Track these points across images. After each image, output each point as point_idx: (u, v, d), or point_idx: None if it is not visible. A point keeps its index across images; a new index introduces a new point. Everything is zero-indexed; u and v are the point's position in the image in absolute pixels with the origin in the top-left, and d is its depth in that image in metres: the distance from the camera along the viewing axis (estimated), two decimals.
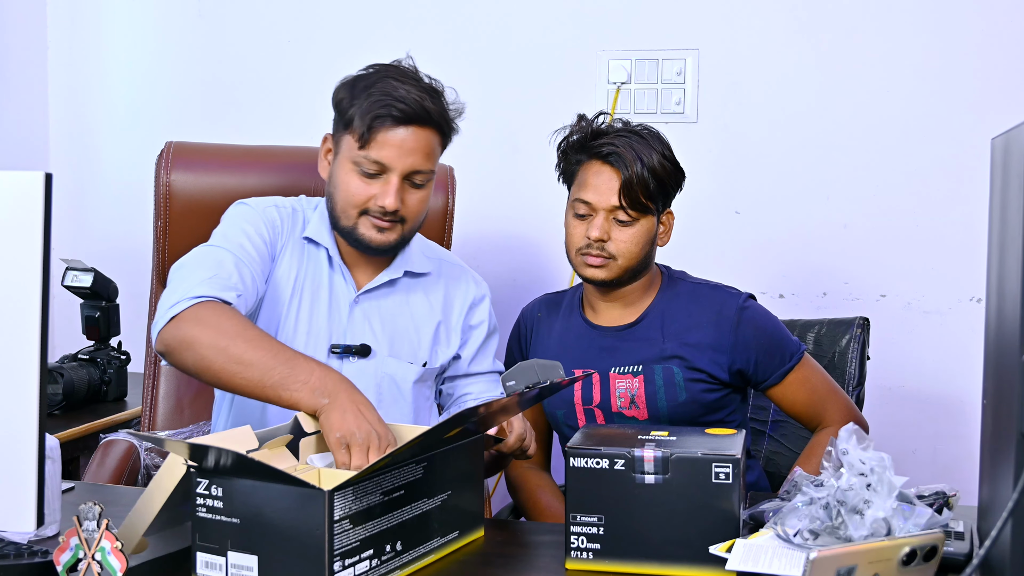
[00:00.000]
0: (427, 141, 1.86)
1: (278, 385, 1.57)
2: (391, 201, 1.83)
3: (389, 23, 2.93)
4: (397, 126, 1.82)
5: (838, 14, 2.67)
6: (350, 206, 1.86)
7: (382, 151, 1.82)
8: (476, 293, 2.06)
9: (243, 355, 1.60)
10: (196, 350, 1.63)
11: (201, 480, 1.33)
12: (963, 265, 2.61)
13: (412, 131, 1.84)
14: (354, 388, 1.59)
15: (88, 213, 3.16)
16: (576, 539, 1.44)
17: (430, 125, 1.86)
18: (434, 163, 1.89)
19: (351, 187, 1.85)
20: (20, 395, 1.24)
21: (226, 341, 1.62)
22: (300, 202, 2.00)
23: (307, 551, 1.27)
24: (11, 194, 1.24)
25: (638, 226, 1.99)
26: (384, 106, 1.81)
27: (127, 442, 2.13)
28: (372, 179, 1.84)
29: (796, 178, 2.72)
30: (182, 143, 2.33)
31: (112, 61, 3.15)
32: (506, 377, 1.56)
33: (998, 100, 2.58)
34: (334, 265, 1.94)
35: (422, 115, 1.83)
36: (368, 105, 1.82)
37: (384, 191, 1.83)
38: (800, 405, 2.04)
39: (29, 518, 1.26)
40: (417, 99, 1.83)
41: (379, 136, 1.82)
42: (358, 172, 1.84)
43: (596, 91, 2.79)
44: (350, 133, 1.85)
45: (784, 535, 1.32)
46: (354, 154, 1.84)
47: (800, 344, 2.05)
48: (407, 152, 1.83)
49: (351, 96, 1.86)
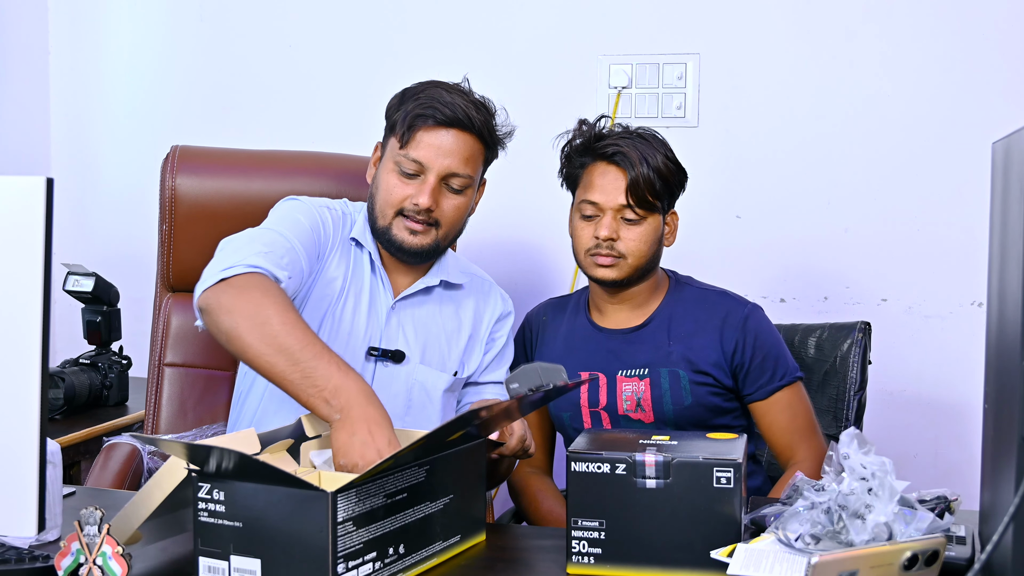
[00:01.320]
0: (467, 146, 1.90)
1: (296, 384, 1.56)
2: (425, 199, 1.86)
3: (390, 28, 2.93)
4: (438, 127, 1.87)
5: (839, 19, 2.68)
6: (387, 205, 1.90)
7: (420, 150, 1.87)
8: (503, 309, 2.09)
9: (276, 338, 1.58)
10: (234, 317, 1.62)
11: (203, 484, 1.33)
12: (964, 269, 2.61)
13: (452, 133, 1.88)
14: (369, 401, 1.55)
15: (89, 218, 3.16)
16: (577, 544, 1.43)
17: (471, 131, 1.90)
18: (473, 170, 1.92)
19: (389, 185, 1.90)
20: (21, 399, 1.24)
21: (264, 317, 1.61)
22: (346, 205, 2.03)
23: (310, 553, 1.27)
24: (12, 199, 1.24)
25: (646, 224, 2.00)
26: (428, 107, 1.87)
27: (130, 446, 2.14)
28: (410, 179, 1.88)
29: (797, 182, 2.72)
30: (187, 147, 2.33)
31: (113, 65, 3.15)
32: (509, 380, 1.55)
33: (999, 105, 2.58)
34: (375, 269, 1.96)
35: (463, 120, 1.88)
36: (413, 107, 1.88)
37: (420, 190, 1.87)
38: (777, 429, 2.01)
39: (30, 523, 1.26)
40: (461, 105, 1.88)
41: (419, 136, 1.87)
42: (397, 172, 1.89)
43: (597, 95, 2.80)
44: (394, 136, 1.90)
45: (785, 540, 1.32)
46: (395, 154, 1.89)
47: (797, 369, 2.05)
48: (445, 153, 1.87)
49: (400, 103, 1.92)
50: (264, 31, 3.01)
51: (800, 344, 2.29)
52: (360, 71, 2.95)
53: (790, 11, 2.70)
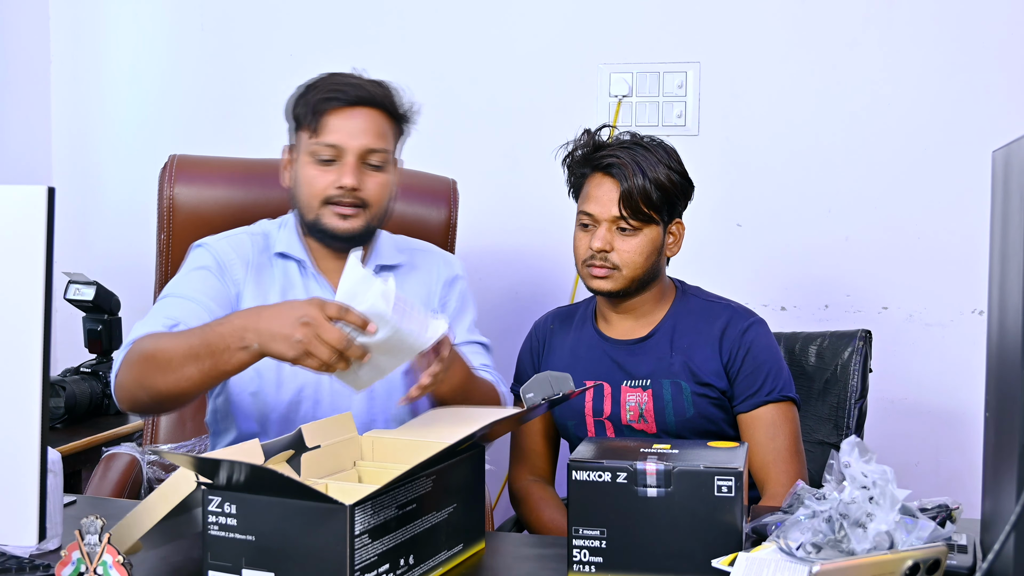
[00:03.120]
0: (376, 122, 1.91)
1: (217, 365, 1.60)
2: (349, 179, 1.86)
3: (391, 38, 2.94)
4: (345, 108, 1.88)
5: (839, 27, 2.68)
6: (312, 197, 1.90)
7: (333, 134, 1.87)
8: (448, 273, 2.08)
9: (169, 362, 1.64)
10: (141, 383, 1.68)
11: (213, 497, 1.32)
12: (965, 277, 2.61)
13: (360, 111, 1.89)
14: (260, 309, 1.61)
15: (90, 226, 3.17)
16: (579, 552, 1.43)
17: (378, 107, 1.91)
18: (388, 144, 1.93)
19: (310, 177, 1.89)
20: (22, 408, 1.24)
21: (153, 363, 1.67)
22: (262, 225, 2.03)
23: (326, 567, 1.26)
24: (14, 208, 1.24)
25: (641, 236, 1.99)
26: (332, 91, 1.89)
27: (129, 455, 2.13)
28: (329, 165, 1.88)
29: (797, 190, 2.72)
30: (185, 156, 2.34)
31: (115, 74, 3.16)
32: (525, 389, 1.59)
33: (999, 113, 2.59)
34: (307, 273, 1.96)
35: (367, 97, 1.90)
36: (315, 96, 1.89)
37: (341, 173, 1.87)
38: (754, 445, 1.97)
39: (31, 532, 1.26)
40: (363, 84, 1.91)
41: (329, 120, 1.88)
42: (315, 161, 1.89)
43: (597, 104, 2.80)
44: (303, 129, 1.90)
45: (787, 548, 1.32)
46: (309, 145, 1.89)
47: (791, 390, 2.02)
48: (358, 132, 1.88)
49: (300, 97, 1.93)
50: (265, 41, 3.02)
51: (801, 352, 2.29)
52: None
53: (790, 20, 2.71)
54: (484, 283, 2.90)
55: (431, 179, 2.42)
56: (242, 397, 1.92)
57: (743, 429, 2.01)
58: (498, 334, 2.82)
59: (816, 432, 2.25)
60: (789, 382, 2.02)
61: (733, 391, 2.00)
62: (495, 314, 2.88)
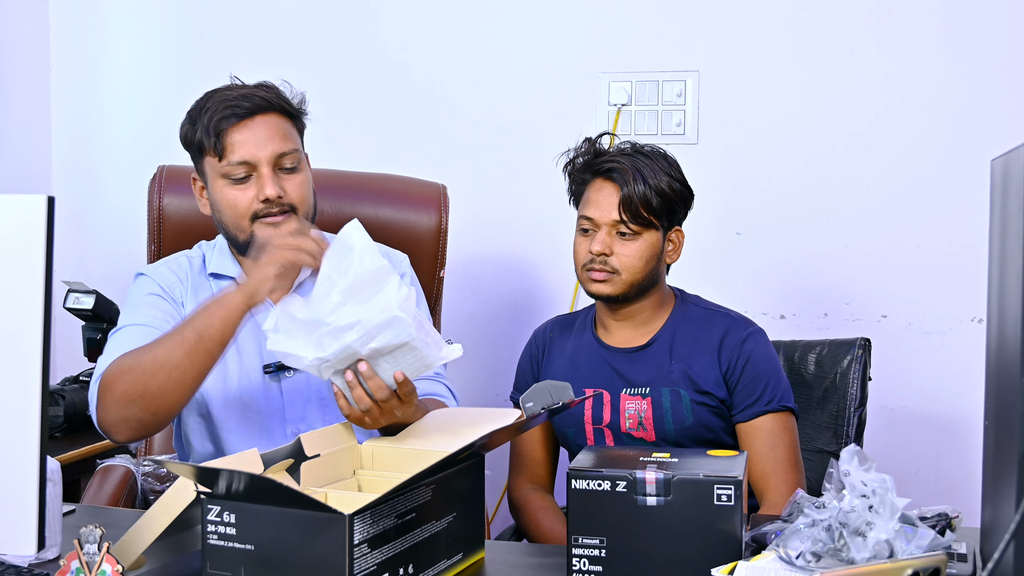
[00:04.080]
0: (278, 125, 1.89)
1: (199, 338, 1.61)
2: (271, 190, 1.85)
3: (390, 46, 2.94)
4: (242, 121, 1.86)
5: (838, 36, 2.69)
6: (239, 217, 1.88)
7: (240, 150, 1.85)
8: (396, 270, 2.04)
9: (155, 359, 1.65)
10: (129, 402, 1.67)
11: (212, 506, 1.32)
12: (964, 286, 2.61)
13: (259, 120, 1.88)
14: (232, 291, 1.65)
15: (90, 235, 3.17)
16: (578, 561, 1.43)
17: (272, 110, 1.89)
18: (296, 143, 1.92)
19: (231, 199, 1.87)
20: (22, 417, 1.24)
21: (137, 370, 1.67)
22: (198, 249, 2.03)
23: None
24: (14, 217, 1.24)
25: (641, 240, 2.00)
26: (223, 110, 1.86)
27: (124, 467, 2.13)
28: (245, 182, 1.87)
29: (797, 199, 2.73)
30: (174, 167, 2.34)
31: (115, 83, 3.16)
32: (525, 399, 1.59)
33: (998, 121, 2.59)
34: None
35: (260, 104, 1.88)
36: (208, 118, 1.87)
37: (260, 186, 1.86)
38: (754, 455, 1.96)
39: (30, 541, 1.26)
40: (249, 93, 1.89)
41: (231, 138, 1.86)
42: (230, 183, 1.87)
43: (597, 112, 2.80)
44: (207, 154, 1.88)
45: (786, 557, 1.31)
46: (218, 168, 1.87)
47: (790, 400, 2.02)
48: (263, 141, 1.86)
49: (192, 124, 1.91)
50: (264, 50, 3.02)
51: (800, 360, 2.29)
52: (360, 90, 2.95)
53: (789, 28, 2.71)
54: (484, 290, 2.91)
55: (420, 184, 2.42)
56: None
57: (742, 439, 2.01)
58: (497, 342, 2.84)
59: (815, 440, 2.25)
60: (788, 392, 2.02)
61: (732, 400, 2.00)
62: (495, 321, 2.88)
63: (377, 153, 2.50)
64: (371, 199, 2.35)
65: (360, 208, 2.29)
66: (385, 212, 2.34)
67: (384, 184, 2.42)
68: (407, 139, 2.91)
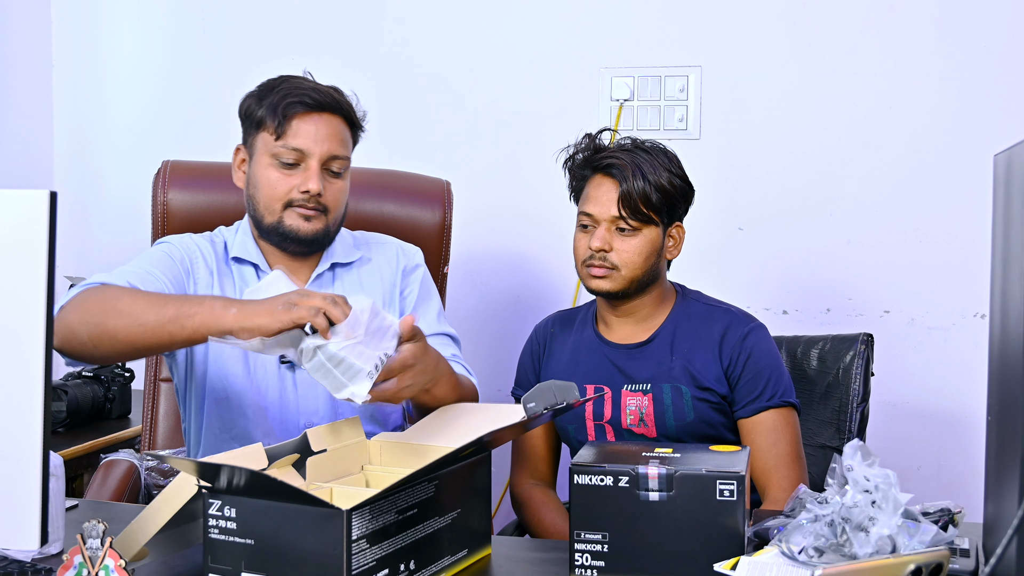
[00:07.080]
0: (339, 129, 1.91)
1: (175, 318, 1.56)
2: (314, 184, 1.86)
3: (392, 41, 2.94)
4: (310, 112, 1.88)
5: (840, 31, 2.68)
6: (273, 200, 1.89)
7: (298, 138, 1.87)
8: (406, 262, 2.07)
9: (131, 306, 1.61)
10: (87, 320, 1.63)
11: (213, 500, 1.32)
12: (967, 281, 2.61)
13: (325, 118, 1.89)
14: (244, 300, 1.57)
15: (92, 230, 3.17)
16: (580, 556, 1.43)
17: (340, 113, 1.92)
18: (349, 151, 1.94)
19: (272, 180, 1.88)
20: (24, 412, 1.24)
21: (113, 302, 1.63)
22: (219, 234, 2.02)
23: (324, 571, 1.26)
24: (16, 212, 1.24)
25: (641, 236, 2.00)
26: (296, 95, 1.87)
27: (128, 462, 2.13)
28: (292, 169, 1.88)
29: (799, 194, 2.73)
30: (178, 162, 2.34)
31: (116, 78, 3.16)
32: (527, 399, 1.58)
33: (1000, 117, 2.59)
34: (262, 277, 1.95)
35: (332, 103, 1.90)
36: (279, 99, 1.88)
37: (306, 177, 1.87)
38: (756, 451, 1.96)
39: (33, 536, 1.26)
40: (325, 90, 1.91)
41: (294, 123, 1.87)
42: (277, 164, 1.88)
43: (599, 108, 2.80)
44: (264, 130, 1.89)
45: (789, 552, 1.32)
46: (271, 147, 1.88)
47: (792, 396, 2.01)
48: (323, 138, 1.88)
49: (259, 100, 1.91)
50: (266, 44, 3.02)
51: (803, 356, 2.29)
52: (363, 85, 2.93)
53: (791, 24, 2.71)
54: (486, 286, 2.91)
55: (424, 180, 2.42)
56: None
57: (744, 434, 2.01)
58: (500, 337, 2.84)
59: (818, 436, 2.24)
60: (790, 387, 2.02)
61: (734, 396, 2.00)
62: (497, 317, 2.88)
63: (381, 149, 2.49)
64: (375, 195, 2.36)
65: (364, 204, 2.29)
66: (389, 208, 2.34)
67: (388, 180, 2.42)
68: (411, 135, 2.91)
